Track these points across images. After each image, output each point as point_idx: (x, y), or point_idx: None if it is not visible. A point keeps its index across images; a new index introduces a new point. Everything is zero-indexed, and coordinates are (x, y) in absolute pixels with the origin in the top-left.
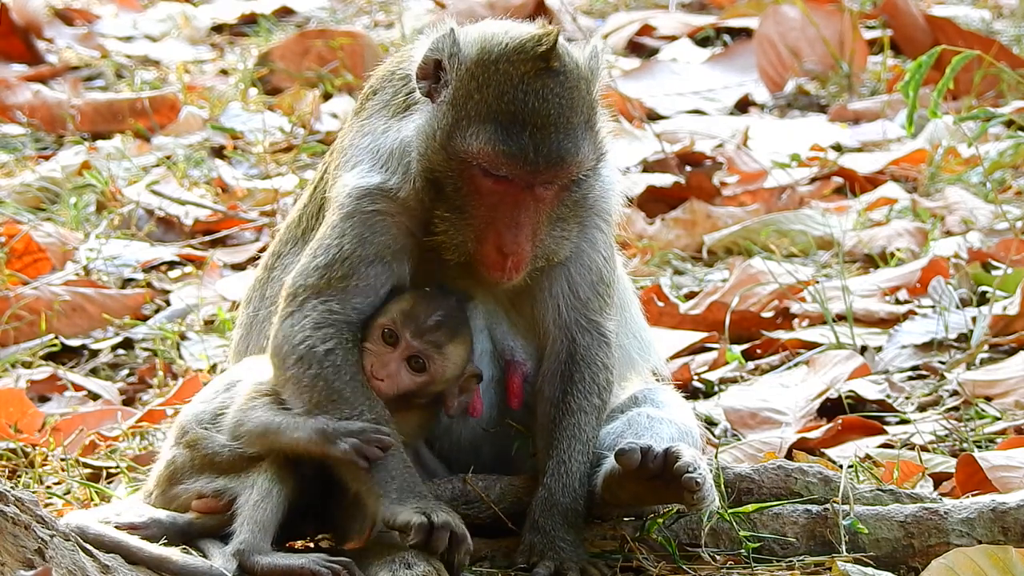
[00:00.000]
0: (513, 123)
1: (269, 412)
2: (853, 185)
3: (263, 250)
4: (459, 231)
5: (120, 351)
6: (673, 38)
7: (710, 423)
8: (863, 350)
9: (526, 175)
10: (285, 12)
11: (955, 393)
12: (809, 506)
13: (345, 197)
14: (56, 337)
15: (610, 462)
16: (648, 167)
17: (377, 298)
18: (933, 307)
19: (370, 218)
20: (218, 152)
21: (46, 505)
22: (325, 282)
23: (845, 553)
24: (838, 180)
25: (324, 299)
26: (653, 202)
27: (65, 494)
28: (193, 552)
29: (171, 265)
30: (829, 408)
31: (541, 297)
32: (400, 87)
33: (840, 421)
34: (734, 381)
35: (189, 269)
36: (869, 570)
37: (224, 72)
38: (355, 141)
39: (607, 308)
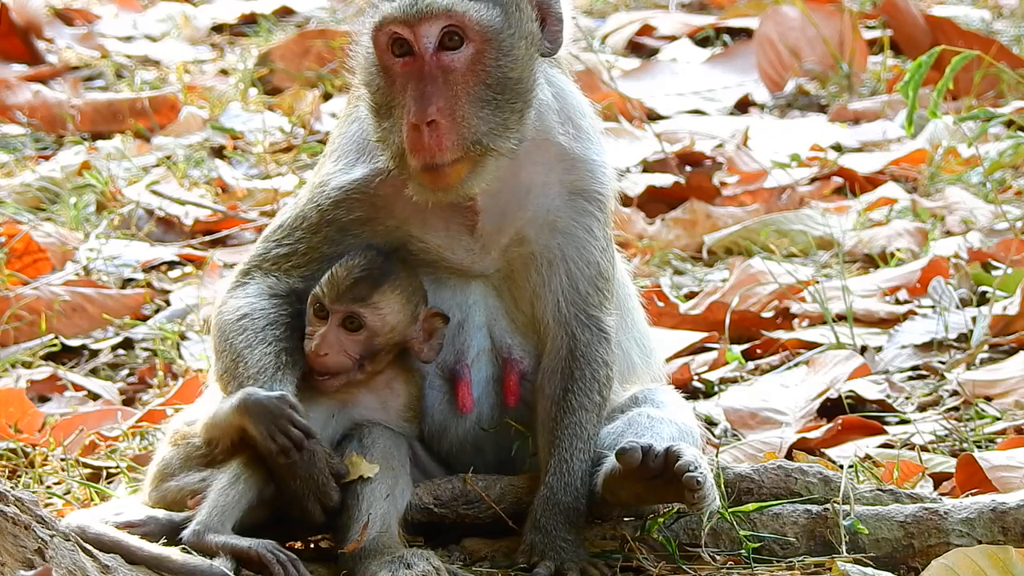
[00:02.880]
0: None
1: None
2: (853, 185)
3: None
4: (391, 131)
5: (120, 351)
6: (673, 38)
7: (710, 423)
8: (863, 350)
9: (405, 13)
10: (285, 12)
11: (955, 393)
12: (809, 506)
13: (324, 197)
14: (56, 337)
15: (611, 461)
16: (648, 167)
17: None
18: (933, 307)
19: (348, 226)
20: (218, 152)
21: (46, 505)
22: (276, 265)
23: (845, 553)
24: (838, 180)
25: (266, 274)
26: (653, 202)
27: (65, 494)
28: (192, 551)
29: (171, 265)
30: (829, 408)
31: (540, 292)
32: None
33: (840, 421)
34: (734, 381)
35: (189, 269)
36: (869, 570)
37: (224, 72)
38: (343, 130)
39: (606, 303)
